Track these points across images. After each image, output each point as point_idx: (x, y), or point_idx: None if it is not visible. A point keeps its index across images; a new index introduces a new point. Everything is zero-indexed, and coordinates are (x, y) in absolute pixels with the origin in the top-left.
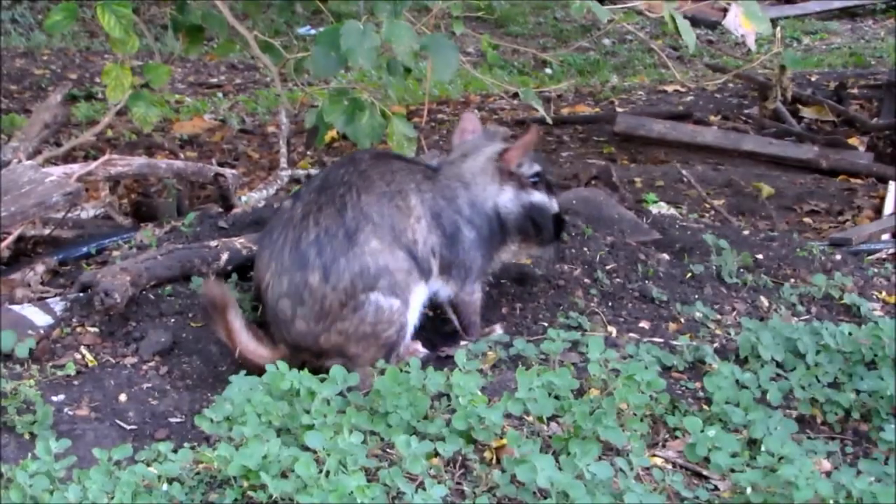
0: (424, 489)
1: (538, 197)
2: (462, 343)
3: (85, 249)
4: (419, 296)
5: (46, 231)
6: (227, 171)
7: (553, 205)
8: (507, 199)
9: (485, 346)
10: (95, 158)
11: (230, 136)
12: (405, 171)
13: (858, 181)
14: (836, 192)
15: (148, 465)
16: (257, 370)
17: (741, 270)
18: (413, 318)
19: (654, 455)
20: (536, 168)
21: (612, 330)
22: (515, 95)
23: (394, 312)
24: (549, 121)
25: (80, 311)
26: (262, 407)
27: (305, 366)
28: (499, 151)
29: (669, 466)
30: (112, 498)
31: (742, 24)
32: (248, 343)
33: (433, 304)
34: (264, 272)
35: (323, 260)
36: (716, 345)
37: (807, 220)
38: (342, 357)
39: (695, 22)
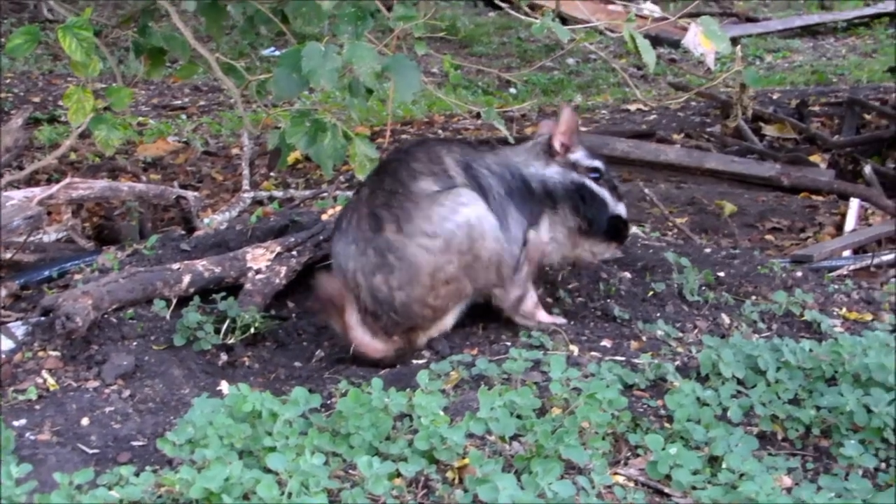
0: None
1: (595, 187)
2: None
3: (47, 273)
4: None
5: (8, 255)
6: (190, 194)
7: (619, 208)
8: (553, 172)
9: (447, 367)
10: (58, 182)
11: (194, 159)
12: (439, 143)
13: (820, 198)
14: (797, 209)
15: (110, 488)
16: (373, 364)
17: (703, 288)
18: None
19: (616, 473)
20: (597, 163)
21: (575, 349)
22: (479, 115)
23: (482, 220)
24: (512, 141)
25: (42, 335)
26: (224, 429)
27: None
28: (546, 137)
29: (631, 484)
30: None
31: (702, 42)
32: (363, 338)
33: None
34: (348, 260)
35: (394, 211)
36: (677, 362)
37: (769, 237)
38: (459, 303)
39: (657, 41)
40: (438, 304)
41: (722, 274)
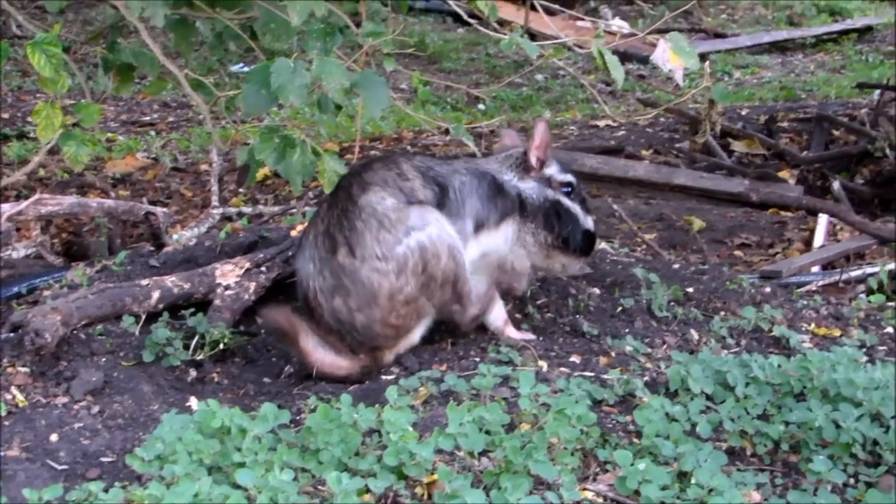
0: None
1: (568, 202)
2: None
3: (16, 289)
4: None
5: None
6: (159, 210)
7: (588, 222)
8: (528, 187)
9: (416, 383)
10: (27, 198)
11: (163, 175)
12: (402, 155)
13: (789, 214)
14: (766, 225)
15: None
16: (340, 381)
17: (672, 304)
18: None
19: (585, 489)
20: (570, 178)
21: (543, 364)
22: (448, 131)
23: (435, 241)
24: (480, 157)
25: (11, 352)
26: (194, 445)
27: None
28: (521, 151)
29: (600, 500)
30: None
31: (670, 59)
32: (323, 359)
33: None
34: (309, 279)
35: (345, 233)
36: (646, 378)
37: (738, 253)
38: (420, 321)
39: (626, 57)
40: (400, 324)
41: (691, 290)
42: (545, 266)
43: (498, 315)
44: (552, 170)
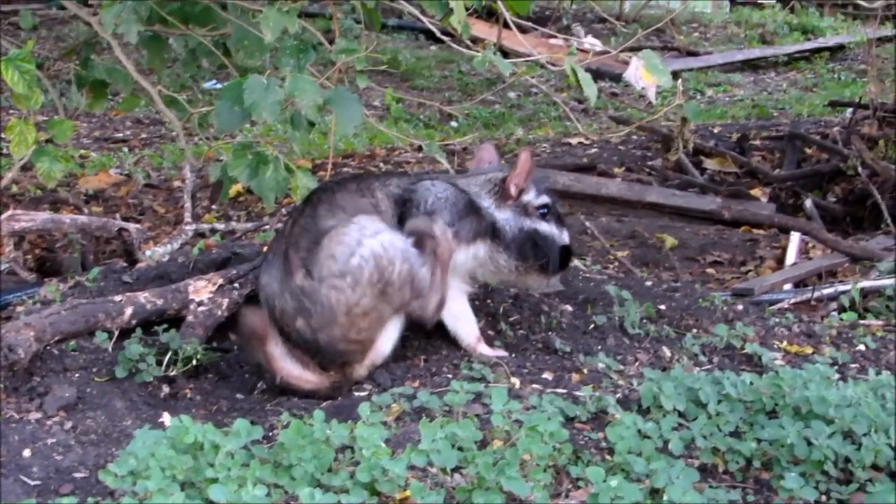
0: None
1: (545, 227)
2: None
3: None
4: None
5: None
6: (132, 226)
7: (563, 236)
8: (504, 218)
9: (389, 399)
10: None
11: (136, 191)
12: (375, 176)
13: (761, 232)
14: (738, 242)
15: None
16: (309, 396)
17: (644, 321)
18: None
19: None
20: (545, 200)
21: (516, 381)
22: (420, 148)
23: (387, 247)
24: (453, 174)
25: None
26: (167, 461)
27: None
28: (501, 177)
29: None
30: None
31: (643, 76)
32: (291, 369)
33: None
34: (273, 298)
35: (301, 255)
36: (618, 395)
37: (710, 270)
38: (383, 328)
39: (599, 74)
40: (363, 337)
41: (663, 307)
42: (518, 283)
43: (470, 332)
44: (529, 196)
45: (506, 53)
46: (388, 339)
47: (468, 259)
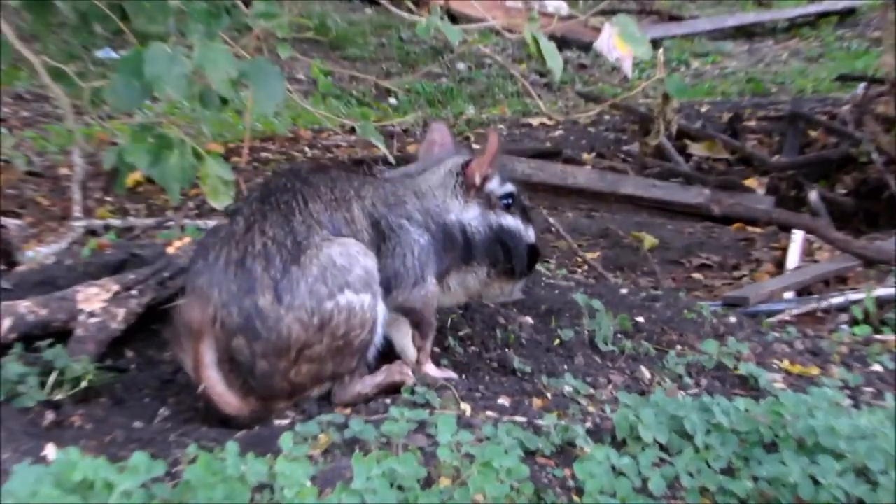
0: None
1: (510, 221)
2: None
3: None
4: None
5: None
6: (10, 222)
7: (529, 234)
8: (472, 216)
9: (316, 429)
10: None
11: (15, 180)
12: (346, 179)
13: (757, 230)
14: (730, 242)
15: None
16: (221, 419)
17: (618, 336)
18: (381, 311)
19: None
20: (509, 188)
21: (466, 407)
22: (353, 130)
23: (366, 310)
24: (392, 160)
25: None
26: (51, 502)
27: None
28: (461, 164)
29: None
30: None
31: (617, 46)
32: (215, 384)
33: None
34: (206, 307)
35: (272, 274)
36: (588, 424)
37: (696, 275)
38: (319, 385)
39: (565, 43)
40: (299, 381)
41: (641, 319)
42: (481, 293)
43: (413, 348)
44: (493, 184)
45: (455, 18)
46: (316, 393)
47: (442, 291)
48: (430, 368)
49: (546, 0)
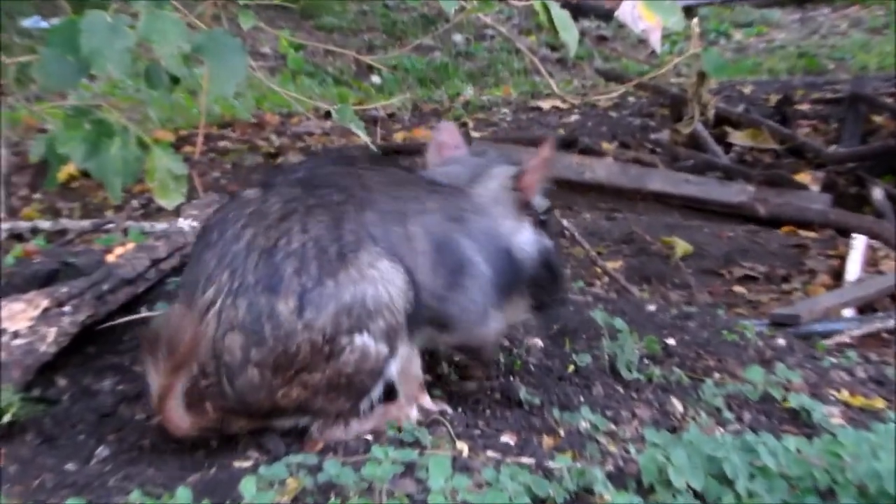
0: None
1: (549, 242)
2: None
3: None
4: (405, 345)
5: None
6: None
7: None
8: (524, 239)
9: (283, 472)
10: None
11: None
12: (410, 184)
13: (811, 234)
14: (778, 249)
15: None
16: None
17: (645, 361)
18: (394, 368)
19: None
20: (546, 202)
21: (463, 447)
22: (328, 115)
23: (380, 361)
24: (376, 150)
25: None
26: None
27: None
28: (513, 176)
29: None
30: None
31: (643, 15)
32: (177, 408)
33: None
34: (209, 285)
35: (302, 281)
36: (609, 467)
37: (738, 289)
38: (300, 415)
39: (582, 12)
40: (283, 404)
41: (672, 342)
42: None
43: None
44: (537, 200)
45: None
46: (288, 426)
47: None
48: (424, 400)
49: None
